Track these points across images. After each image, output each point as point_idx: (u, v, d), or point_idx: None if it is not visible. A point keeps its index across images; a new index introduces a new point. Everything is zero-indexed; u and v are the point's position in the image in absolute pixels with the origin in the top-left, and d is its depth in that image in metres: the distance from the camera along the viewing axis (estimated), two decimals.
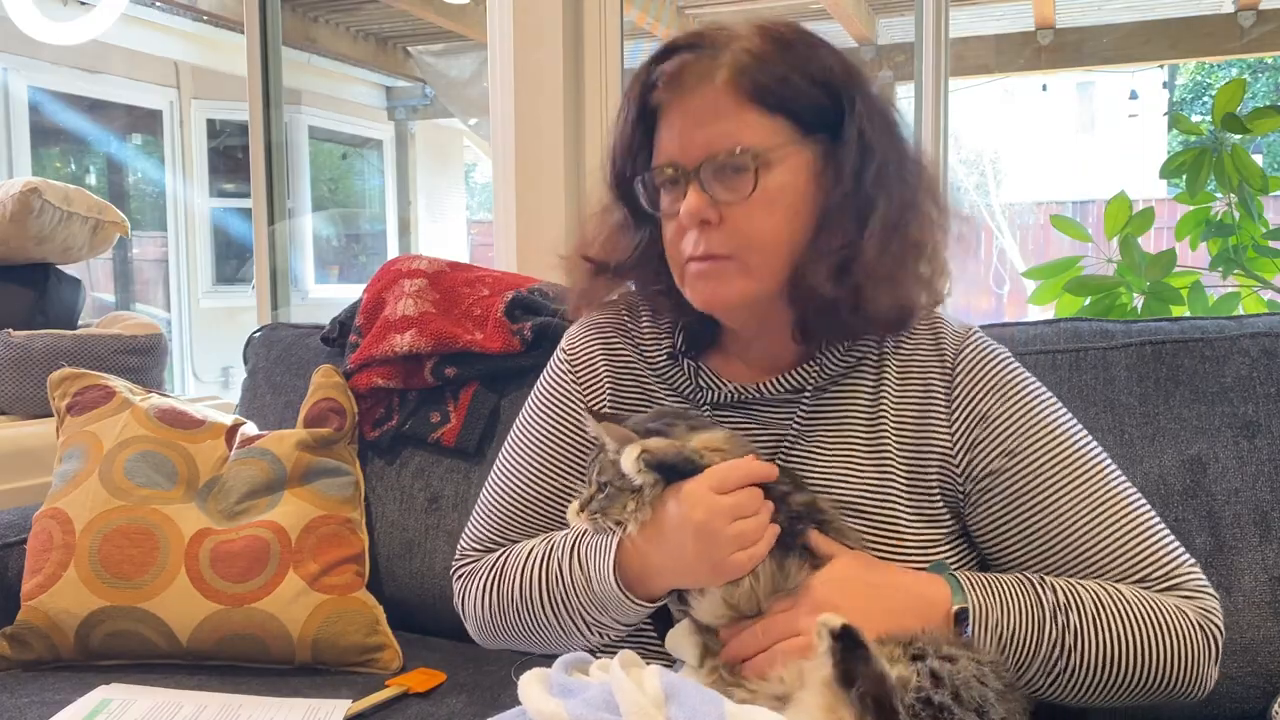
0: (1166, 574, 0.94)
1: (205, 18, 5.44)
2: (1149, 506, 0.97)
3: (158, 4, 5.24)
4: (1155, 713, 1.04)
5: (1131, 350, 1.26)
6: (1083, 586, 0.93)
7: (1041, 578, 0.94)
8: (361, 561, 1.44)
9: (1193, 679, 0.92)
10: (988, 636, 0.90)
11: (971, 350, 1.01)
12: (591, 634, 1.02)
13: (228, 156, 6.39)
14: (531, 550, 1.05)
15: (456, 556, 1.16)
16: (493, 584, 1.07)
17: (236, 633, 1.34)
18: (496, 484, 1.14)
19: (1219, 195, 2.69)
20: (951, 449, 0.98)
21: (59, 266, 2.20)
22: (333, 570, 1.39)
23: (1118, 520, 0.94)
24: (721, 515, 0.89)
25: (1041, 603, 0.91)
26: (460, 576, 1.13)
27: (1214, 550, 1.15)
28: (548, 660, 1.06)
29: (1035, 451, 0.96)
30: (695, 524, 0.89)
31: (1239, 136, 2.60)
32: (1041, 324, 1.33)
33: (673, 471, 0.92)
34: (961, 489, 0.98)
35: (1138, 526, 0.94)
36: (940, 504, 0.98)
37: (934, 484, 0.97)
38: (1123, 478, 0.98)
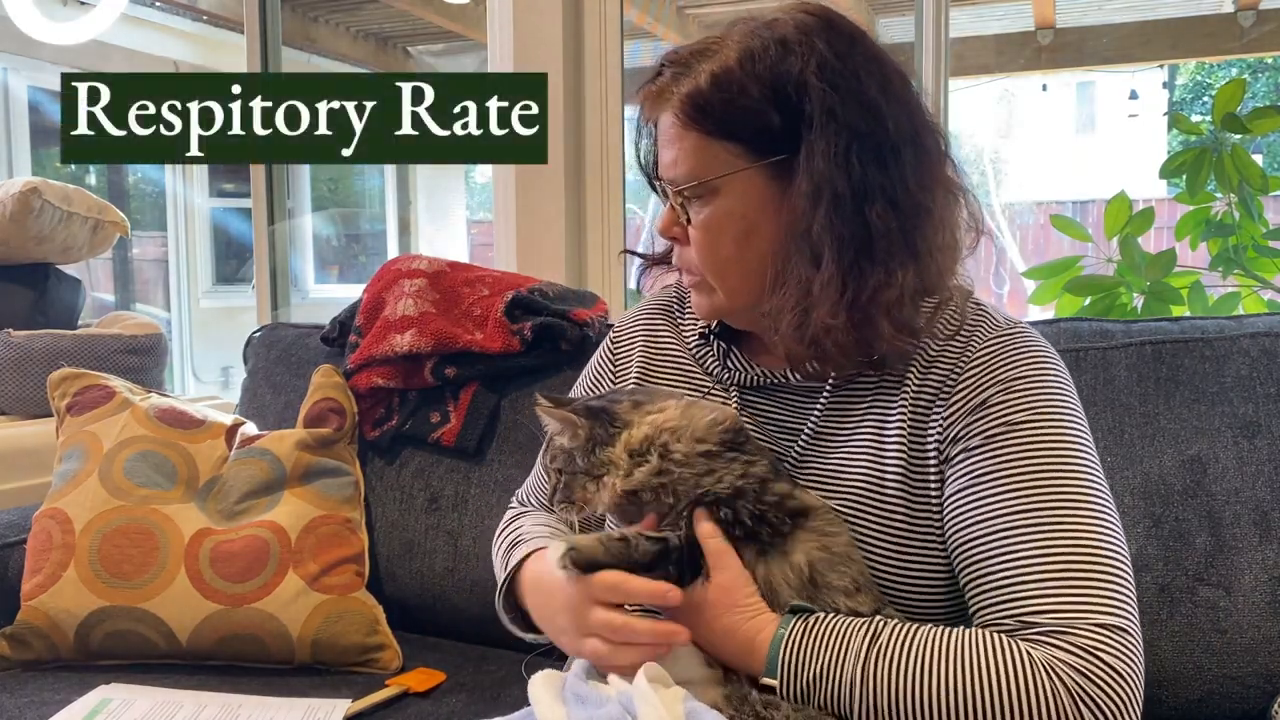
0: (1057, 622, 0.82)
1: (205, 18, 5.44)
2: (1108, 557, 0.85)
3: (158, 4, 5.24)
4: (1153, 712, 1.04)
5: (1131, 350, 1.26)
6: (917, 643, 0.84)
7: (878, 629, 0.85)
8: (361, 561, 1.44)
9: None
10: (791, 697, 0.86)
11: (999, 345, 0.94)
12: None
13: None
14: (528, 521, 1.12)
15: (510, 504, 1.25)
16: (497, 539, 1.16)
17: (236, 633, 1.34)
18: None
19: (1219, 195, 2.68)
20: (944, 433, 0.93)
21: (59, 266, 2.20)
22: (332, 570, 1.39)
23: (1048, 549, 0.85)
24: (583, 627, 0.89)
25: (859, 653, 0.84)
26: None
27: (1214, 550, 1.15)
28: (554, 660, 1.06)
29: (1011, 447, 0.89)
30: (563, 620, 0.92)
31: (1239, 136, 2.60)
32: (1041, 324, 1.33)
33: (595, 566, 0.87)
34: (941, 472, 0.94)
35: (1065, 565, 0.84)
36: (938, 502, 0.94)
37: (933, 481, 0.94)
38: (1098, 522, 0.86)
